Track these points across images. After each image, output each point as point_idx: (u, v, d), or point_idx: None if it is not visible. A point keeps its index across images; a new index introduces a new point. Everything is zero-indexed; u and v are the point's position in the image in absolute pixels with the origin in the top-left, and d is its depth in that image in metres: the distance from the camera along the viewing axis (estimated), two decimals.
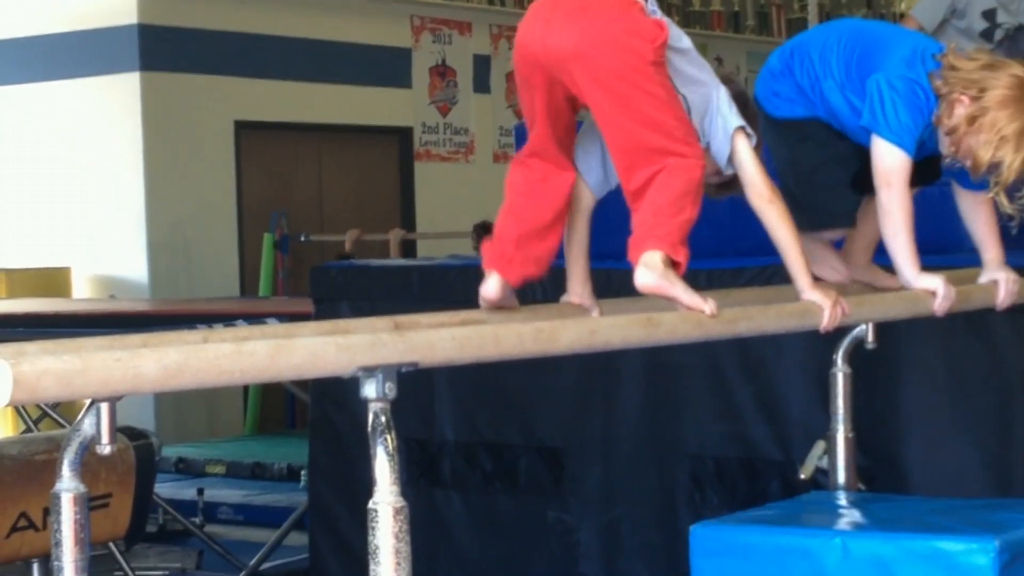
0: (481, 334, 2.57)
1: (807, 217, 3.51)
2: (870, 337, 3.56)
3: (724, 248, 4.67)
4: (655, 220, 2.96)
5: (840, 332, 3.55)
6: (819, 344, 3.90)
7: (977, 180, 3.40)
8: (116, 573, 5.95)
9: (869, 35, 3.57)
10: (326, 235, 11.01)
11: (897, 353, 4.14)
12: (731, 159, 3.14)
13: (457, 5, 12.33)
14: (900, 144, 3.37)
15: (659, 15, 3.06)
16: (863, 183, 3.52)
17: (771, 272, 4.13)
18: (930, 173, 3.59)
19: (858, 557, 3.07)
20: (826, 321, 3.15)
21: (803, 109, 3.57)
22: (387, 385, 2.31)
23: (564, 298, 3.28)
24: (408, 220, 12.00)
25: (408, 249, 11.70)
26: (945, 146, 3.40)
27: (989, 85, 3.33)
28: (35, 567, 4.54)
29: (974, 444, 4.12)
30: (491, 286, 3.10)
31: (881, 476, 4.13)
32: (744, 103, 3.24)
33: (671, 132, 2.97)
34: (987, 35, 6.45)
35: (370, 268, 5.38)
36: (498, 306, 3.13)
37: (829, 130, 3.57)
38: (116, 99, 10.35)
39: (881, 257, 3.61)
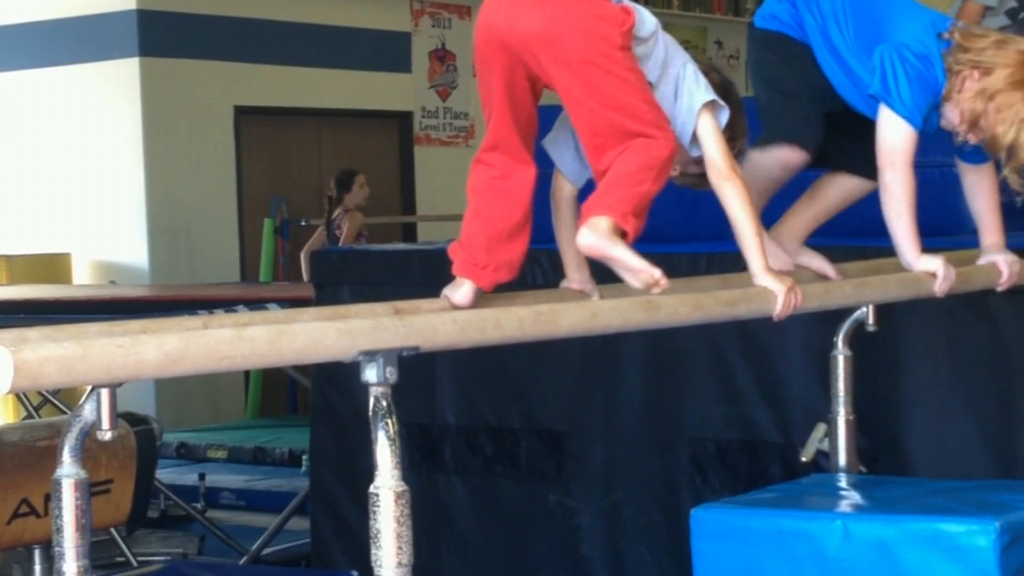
0: (482, 317, 2.57)
1: (768, 124, 3.46)
2: (870, 319, 3.55)
3: (727, 231, 4.67)
4: (608, 189, 2.93)
5: (841, 314, 3.55)
6: (819, 326, 3.91)
7: (992, 156, 3.39)
8: (118, 559, 5.96)
9: (882, 1, 3.53)
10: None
11: (898, 335, 4.14)
12: (694, 138, 3.08)
13: None
14: (909, 119, 3.33)
15: (625, 1, 3.02)
16: (837, 151, 3.50)
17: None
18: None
19: (859, 539, 3.07)
20: (779, 308, 3.07)
21: (798, 33, 3.53)
22: (388, 369, 2.31)
23: (563, 284, 3.26)
24: (408, 204, 12.01)
25: (409, 233, 11.70)
26: (955, 123, 3.37)
27: (1000, 62, 3.32)
28: (36, 553, 4.54)
29: (975, 426, 4.13)
30: (462, 294, 3.02)
31: (882, 458, 4.13)
32: (726, 94, 3.18)
33: (641, 115, 2.94)
34: (1012, 15, 6.42)
35: (371, 253, 5.38)
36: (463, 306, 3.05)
37: (816, 64, 3.52)
38: (116, 85, 10.34)
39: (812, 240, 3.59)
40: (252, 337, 2.17)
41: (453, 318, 2.49)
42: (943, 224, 4.21)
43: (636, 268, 2.87)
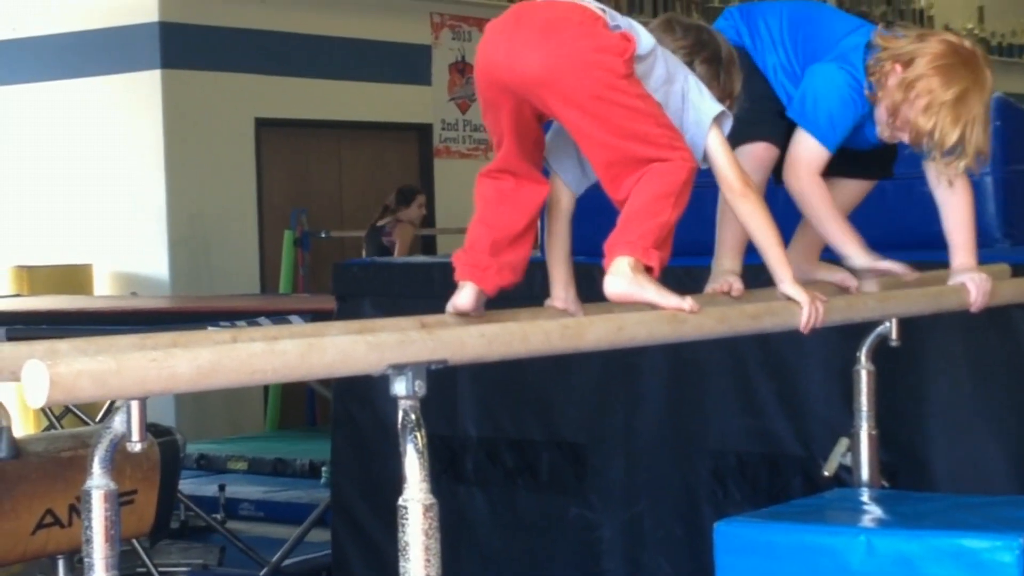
0: (509, 331, 2.59)
1: (733, 131, 3.42)
2: (894, 334, 3.55)
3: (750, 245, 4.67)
4: (627, 224, 2.89)
5: (864, 328, 3.55)
6: (841, 340, 3.91)
7: (917, 150, 3.38)
8: (139, 569, 5.98)
9: (815, 18, 3.56)
10: (346, 232, 11.03)
11: (919, 349, 4.14)
12: (705, 153, 3.05)
13: (477, 2, 12.33)
14: (823, 140, 3.38)
15: (623, 27, 2.97)
16: None
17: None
18: (882, 166, 3.59)
19: (882, 554, 3.07)
20: (804, 319, 3.06)
21: (746, 46, 3.56)
22: (416, 383, 2.32)
23: (548, 302, 3.20)
24: (428, 216, 12.03)
25: (428, 245, 11.73)
26: (884, 122, 3.37)
27: (920, 53, 3.32)
28: (60, 564, 4.55)
29: (998, 440, 4.12)
30: (464, 297, 3.01)
31: (904, 472, 4.13)
32: (729, 65, 3.19)
33: (654, 140, 2.90)
34: None
35: (392, 265, 5.40)
36: (465, 315, 3.04)
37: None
38: (137, 96, 10.39)
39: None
40: (283, 351, 2.18)
41: (481, 332, 2.50)
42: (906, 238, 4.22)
43: (668, 306, 2.86)
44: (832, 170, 3.50)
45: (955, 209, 3.51)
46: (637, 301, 2.87)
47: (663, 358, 4.57)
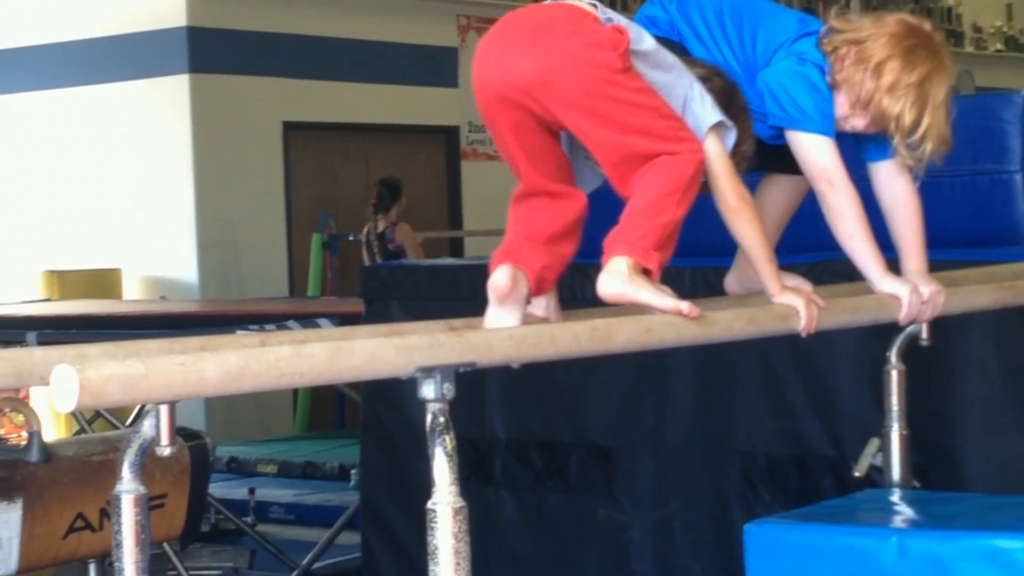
0: (538, 333, 2.58)
1: None
2: (924, 334, 3.53)
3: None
4: (628, 223, 2.80)
5: (895, 329, 3.53)
6: (871, 339, 3.89)
7: (880, 133, 3.18)
8: (170, 573, 5.99)
9: (757, 12, 3.35)
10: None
11: (950, 348, 4.12)
12: None
13: (504, 4, 12.32)
14: (822, 130, 3.15)
15: (615, 20, 2.89)
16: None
17: (820, 269, 4.12)
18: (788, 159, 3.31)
19: (915, 555, 3.05)
20: (803, 322, 3.00)
21: (678, 38, 3.34)
22: (445, 385, 2.32)
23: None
24: (455, 219, 12.03)
25: (456, 248, 11.73)
26: (844, 109, 3.16)
27: (878, 32, 3.15)
28: (91, 568, 4.57)
29: None
30: (500, 276, 2.86)
31: (934, 472, 4.11)
32: (731, 98, 3.06)
33: (658, 133, 2.81)
34: None
35: (420, 268, 5.40)
36: (508, 299, 2.88)
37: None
38: (166, 101, 10.43)
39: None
40: (311, 354, 2.18)
41: (509, 334, 2.50)
42: (998, 233, 4.15)
43: (664, 309, 2.77)
44: (766, 166, 3.35)
45: (905, 211, 3.31)
46: (631, 302, 2.79)
47: (691, 359, 4.56)
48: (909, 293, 3.21)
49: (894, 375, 3.61)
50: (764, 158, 3.34)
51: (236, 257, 10.62)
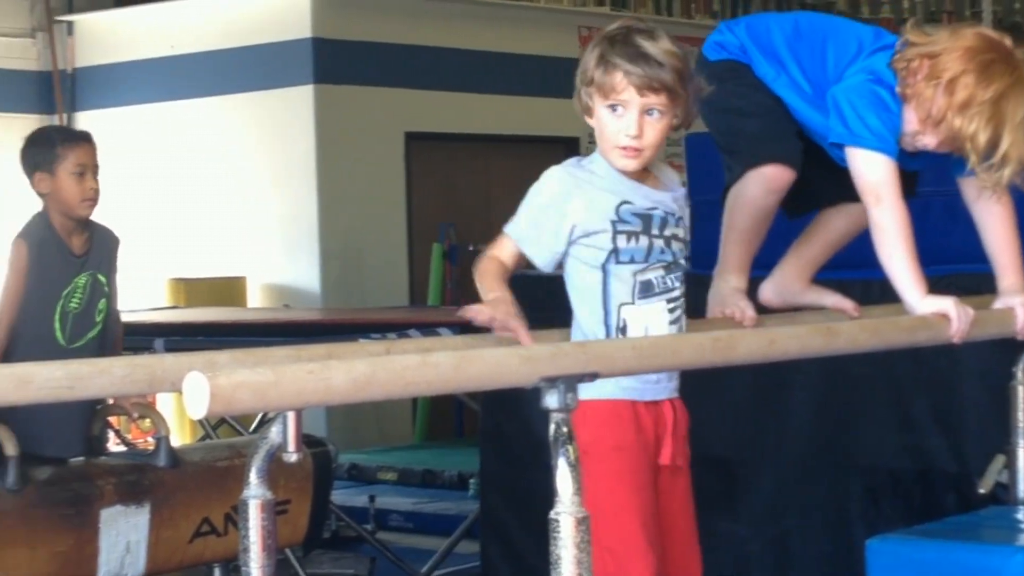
0: (660, 344, 2.59)
1: (740, 152, 3.24)
2: None
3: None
4: None
5: (1021, 343, 3.49)
6: (996, 354, 3.84)
7: (956, 153, 3.08)
8: None
9: (828, 31, 3.30)
10: None
11: None
12: None
13: (625, 15, 12.33)
14: (882, 148, 3.08)
15: None
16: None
17: (946, 283, 4.07)
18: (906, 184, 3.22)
19: None
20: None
21: (749, 61, 3.33)
22: (568, 395, 2.33)
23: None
24: None
25: None
26: (915, 125, 3.08)
27: (952, 46, 3.03)
28: (216, 572, 4.63)
29: None
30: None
31: None
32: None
33: None
34: None
35: (543, 278, 5.40)
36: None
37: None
38: (290, 111, 10.54)
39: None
40: (437, 363, 2.20)
41: (632, 345, 2.51)
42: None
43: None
44: (846, 195, 3.28)
45: (998, 226, 3.22)
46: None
47: (813, 372, 4.53)
48: (955, 306, 3.05)
49: (1020, 391, 3.57)
50: (827, 186, 3.33)
51: (358, 266, 10.70)
